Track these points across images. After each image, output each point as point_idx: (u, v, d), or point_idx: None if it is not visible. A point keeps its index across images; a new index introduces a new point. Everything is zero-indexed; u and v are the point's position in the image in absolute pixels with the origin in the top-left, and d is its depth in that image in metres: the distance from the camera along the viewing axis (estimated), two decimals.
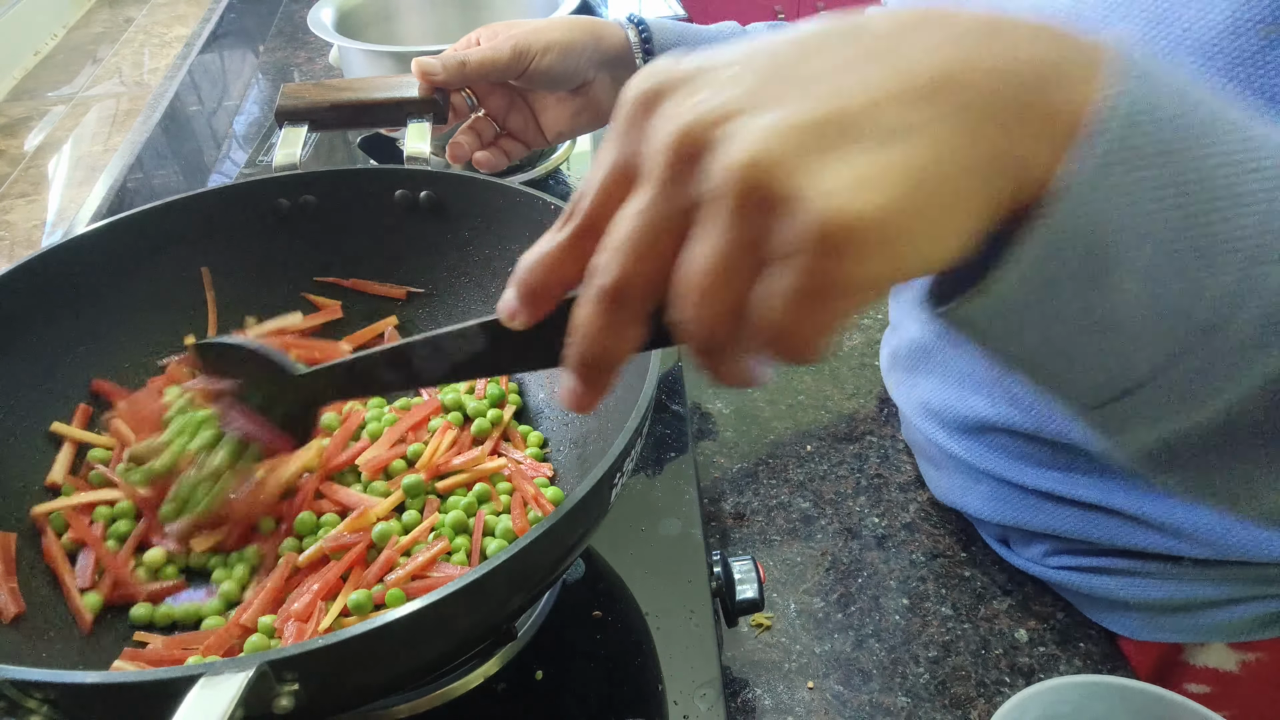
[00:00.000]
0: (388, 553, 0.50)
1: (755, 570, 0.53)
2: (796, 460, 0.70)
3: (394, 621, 0.34)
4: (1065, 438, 0.52)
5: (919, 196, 0.23)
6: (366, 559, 0.51)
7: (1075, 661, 0.56)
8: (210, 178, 1.04)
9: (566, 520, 0.38)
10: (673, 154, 0.25)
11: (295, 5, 1.50)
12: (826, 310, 0.23)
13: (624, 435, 0.41)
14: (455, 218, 0.65)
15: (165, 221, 0.61)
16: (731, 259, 0.24)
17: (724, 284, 0.24)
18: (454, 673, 0.50)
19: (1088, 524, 0.55)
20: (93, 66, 1.24)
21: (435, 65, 0.63)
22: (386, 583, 0.49)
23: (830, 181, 0.22)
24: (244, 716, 0.31)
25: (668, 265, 0.26)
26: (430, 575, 0.50)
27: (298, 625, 0.47)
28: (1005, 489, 0.58)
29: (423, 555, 0.50)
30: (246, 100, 1.22)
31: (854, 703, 0.54)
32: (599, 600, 0.54)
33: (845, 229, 0.22)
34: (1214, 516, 0.50)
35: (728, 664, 0.55)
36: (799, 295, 0.23)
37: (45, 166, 1.00)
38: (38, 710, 0.34)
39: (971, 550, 0.63)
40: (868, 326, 0.83)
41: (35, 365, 0.57)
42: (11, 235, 0.88)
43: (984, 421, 0.56)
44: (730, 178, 0.23)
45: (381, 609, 0.48)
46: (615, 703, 0.49)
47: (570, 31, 0.64)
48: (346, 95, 0.66)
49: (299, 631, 0.46)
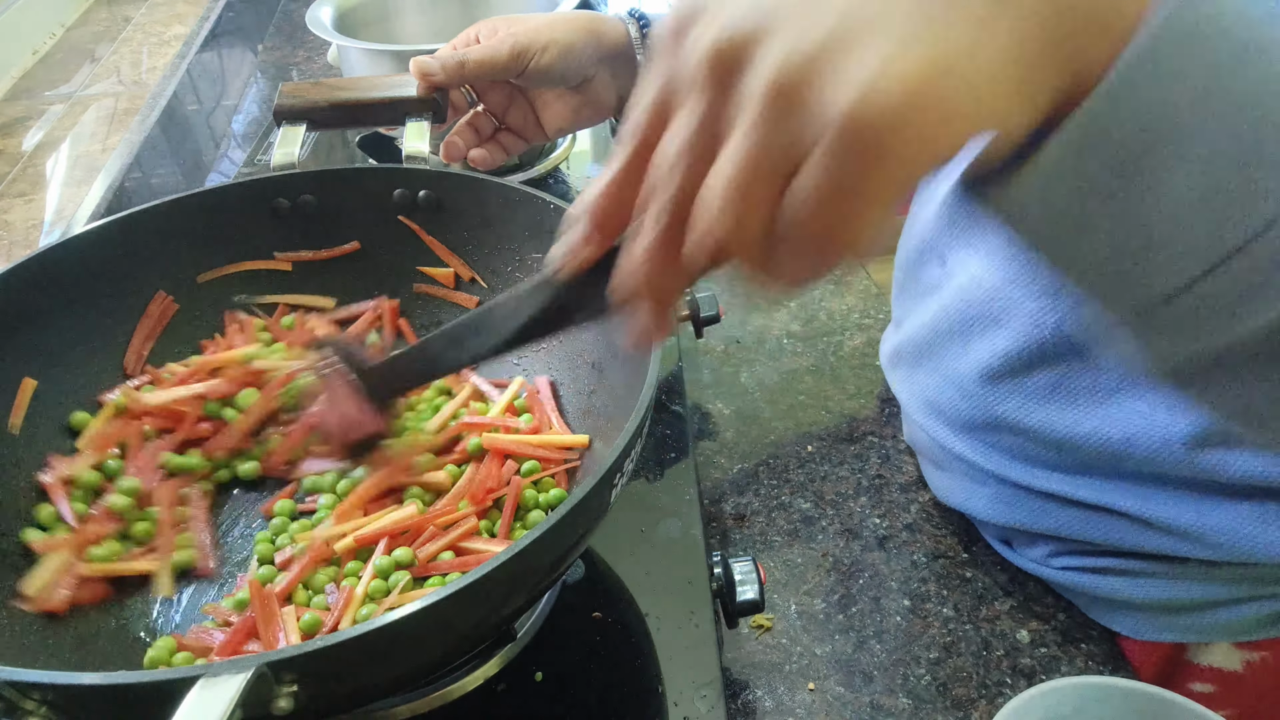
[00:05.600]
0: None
1: (756, 571, 0.53)
2: (797, 461, 0.70)
3: (394, 622, 0.34)
4: (1069, 438, 0.52)
5: (943, 87, 0.23)
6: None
7: (1077, 663, 0.56)
8: (209, 177, 1.04)
9: (566, 521, 0.38)
10: (707, 68, 0.26)
11: (294, 4, 1.49)
12: (859, 200, 0.24)
13: (624, 436, 0.41)
14: (454, 217, 0.65)
15: (164, 221, 0.61)
16: (764, 158, 0.25)
17: (757, 182, 0.25)
18: (454, 673, 0.50)
19: (1092, 525, 0.55)
20: (91, 66, 1.23)
21: (434, 66, 0.63)
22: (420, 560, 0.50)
23: (855, 74, 0.23)
24: (243, 718, 0.31)
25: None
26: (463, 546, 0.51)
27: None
28: (1009, 491, 0.58)
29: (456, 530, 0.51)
30: (245, 99, 1.21)
31: (855, 704, 0.53)
32: (599, 601, 0.54)
33: (868, 119, 0.23)
34: (1221, 517, 0.50)
35: (728, 665, 0.55)
36: (830, 186, 0.24)
37: (43, 166, 1.00)
38: (36, 711, 0.33)
39: (973, 551, 0.63)
40: (869, 326, 0.83)
41: (33, 365, 0.56)
42: (9, 235, 0.88)
43: (990, 420, 0.56)
44: (760, 81, 0.24)
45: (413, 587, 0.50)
46: (615, 703, 0.49)
47: (570, 29, 0.64)
48: (345, 94, 0.66)
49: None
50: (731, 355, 0.81)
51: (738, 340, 0.82)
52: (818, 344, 0.81)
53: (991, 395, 0.55)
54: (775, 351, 0.81)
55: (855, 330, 0.83)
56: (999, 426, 0.56)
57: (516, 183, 0.61)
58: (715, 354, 0.81)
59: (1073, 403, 0.51)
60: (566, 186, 0.95)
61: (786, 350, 0.81)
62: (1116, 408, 0.50)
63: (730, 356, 0.80)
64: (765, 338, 0.82)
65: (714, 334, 0.83)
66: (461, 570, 0.49)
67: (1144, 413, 0.49)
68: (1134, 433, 0.50)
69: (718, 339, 0.82)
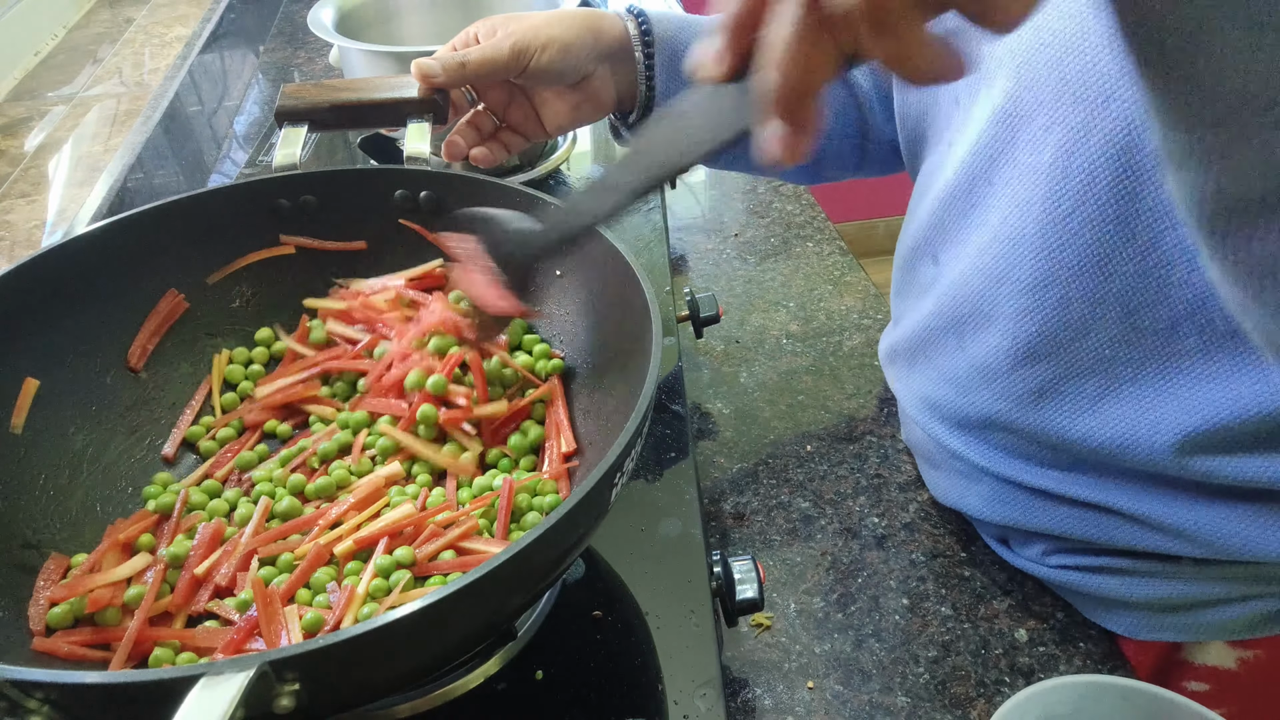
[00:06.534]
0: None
1: (755, 570, 0.53)
2: (796, 460, 0.70)
3: (394, 621, 0.34)
4: (1063, 439, 0.52)
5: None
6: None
7: (1075, 661, 0.56)
8: (210, 178, 1.04)
9: (566, 520, 0.38)
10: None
11: (295, 5, 1.50)
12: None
13: (624, 435, 0.41)
14: (455, 218, 0.65)
15: (165, 222, 0.61)
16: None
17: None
18: (454, 673, 0.50)
19: (1087, 524, 0.55)
20: (93, 67, 1.24)
21: (435, 67, 0.63)
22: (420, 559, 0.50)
23: None
24: (244, 716, 0.31)
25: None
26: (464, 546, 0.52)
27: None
28: (1005, 488, 0.58)
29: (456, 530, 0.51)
30: (247, 100, 1.22)
31: (854, 702, 0.54)
32: (599, 600, 0.54)
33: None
34: (1214, 516, 0.50)
35: (727, 664, 0.55)
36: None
37: (45, 167, 1.00)
38: (38, 710, 0.33)
39: (971, 550, 0.63)
40: (868, 326, 0.83)
41: (35, 365, 0.57)
42: (11, 235, 0.88)
43: (984, 418, 0.56)
44: None
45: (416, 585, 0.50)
46: (615, 703, 0.49)
47: (569, 27, 0.64)
48: (346, 95, 0.66)
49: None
50: (731, 355, 0.81)
51: (737, 340, 0.82)
52: (817, 344, 0.82)
53: (985, 393, 0.55)
54: (775, 351, 0.81)
55: (854, 330, 0.83)
56: (993, 424, 0.56)
57: (517, 183, 0.61)
58: (715, 354, 0.81)
59: (1062, 405, 0.52)
60: (567, 187, 0.95)
61: (786, 350, 0.81)
62: (1104, 412, 0.50)
63: (730, 356, 0.81)
64: (765, 338, 0.82)
65: (714, 334, 0.83)
66: (462, 570, 0.49)
67: (1131, 419, 0.49)
68: (1123, 437, 0.50)
69: (718, 339, 0.82)
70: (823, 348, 0.81)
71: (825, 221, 0.99)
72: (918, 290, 0.61)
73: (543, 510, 0.54)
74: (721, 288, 0.90)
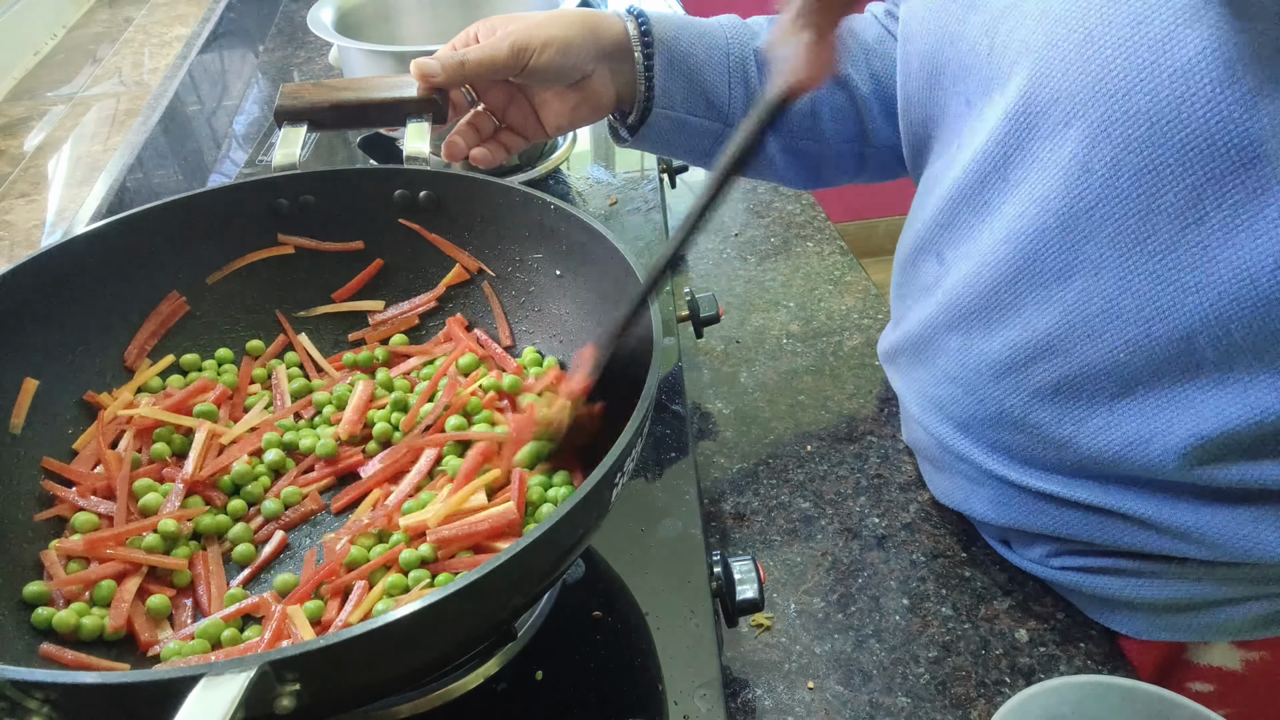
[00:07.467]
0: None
1: (755, 570, 0.53)
2: (797, 460, 0.70)
3: (394, 621, 0.34)
4: (1071, 440, 0.52)
5: None
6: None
7: (1076, 661, 0.56)
8: (210, 177, 1.04)
9: (566, 520, 0.38)
10: None
11: (295, 5, 1.50)
12: None
13: (624, 435, 0.41)
14: (455, 217, 0.65)
15: (165, 221, 0.61)
16: None
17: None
18: (454, 673, 0.50)
19: (1091, 526, 0.55)
20: (92, 66, 1.24)
21: (434, 66, 0.63)
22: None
23: None
24: (245, 717, 0.31)
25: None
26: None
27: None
28: (1009, 491, 0.58)
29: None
30: (246, 100, 1.22)
31: (854, 703, 0.54)
32: (599, 600, 0.54)
33: None
34: (1222, 519, 0.50)
35: (728, 664, 0.55)
36: None
37: (45, 166, 1.00)
38: (38, 711, 0.33)
39: (972, 550, 0.63)
40: (868, 326, 0.83)
41: (34, 365, 0.57)
42: (11, 235, 0.88)
43: (993, 416, 0.56)
44: None
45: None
46: (615, 703, 0.49)
47: (568, 27, 0.64)
48: (346, 95, 0.66)
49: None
50: (731, 355, 0.81)
51: (737, 340, 0.82)
52: (817, 344, 0.82)
53: (995, 390, 0.55)
54: (775, 351, 0.81)
55: (855, 330, 0.83)
56: (1001, 423, 0.56)
57: (517, 183, 0.61)
58: (715, 354, 0.81)
59: (1074, 404, 0.51)
60: (567, 187, 0.95)
61: (786, 350, 0.81)
62: (1116, 414, 0.50)
63: (730, 356, 0.81)
64: (765, 338, 0.82)
65: (714, 334, 0.83)
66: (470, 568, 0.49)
67: (1142, 422, 0.49)
68: (1133, 439, 0.50)
69: (718, 339, 0.82)
70: (823, 348, 0.81)
71: (825, 221, 0.99)
72: (921, 289, 0.61)
73: (556, 502, 0.54)
74: (721, 288, 0.90)
